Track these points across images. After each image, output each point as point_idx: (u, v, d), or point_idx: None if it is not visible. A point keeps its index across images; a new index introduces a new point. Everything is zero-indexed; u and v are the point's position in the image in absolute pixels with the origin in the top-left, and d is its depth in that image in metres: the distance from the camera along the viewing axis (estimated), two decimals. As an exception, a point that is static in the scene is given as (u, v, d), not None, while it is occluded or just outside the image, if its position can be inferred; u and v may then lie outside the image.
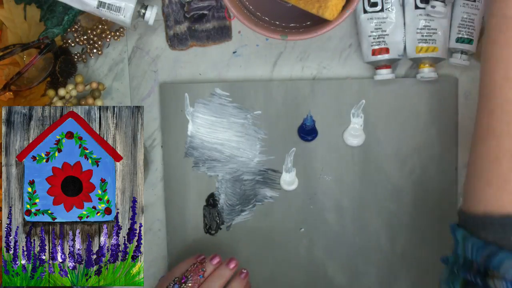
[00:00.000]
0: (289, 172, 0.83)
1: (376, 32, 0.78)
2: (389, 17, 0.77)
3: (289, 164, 0.83)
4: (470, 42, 0.77)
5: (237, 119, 0.84)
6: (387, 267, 0.83)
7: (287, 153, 0.84)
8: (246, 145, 0.84)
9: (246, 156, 0.84)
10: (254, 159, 0.84)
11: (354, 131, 0.82)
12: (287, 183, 0.84)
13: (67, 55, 0.84)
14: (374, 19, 0.78)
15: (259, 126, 0.84)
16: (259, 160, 0.84)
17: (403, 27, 0.78)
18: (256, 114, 0.84)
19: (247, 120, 0.84)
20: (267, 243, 0.85)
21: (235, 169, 0.84)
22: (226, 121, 0.84)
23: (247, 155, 0.84)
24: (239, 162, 0.84)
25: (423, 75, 0.78)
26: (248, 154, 0.84)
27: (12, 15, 0.81)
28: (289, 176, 0.84)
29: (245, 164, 0.84)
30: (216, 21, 0.84)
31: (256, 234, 0.85)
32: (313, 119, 0.83)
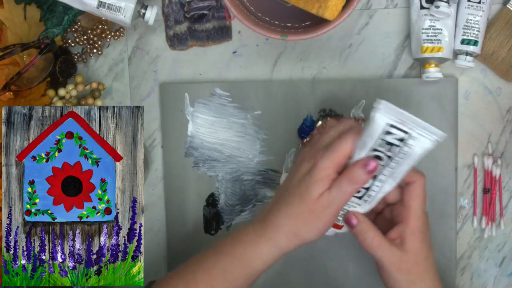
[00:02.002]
0: (289, 172, 0.83)
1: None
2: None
3: (289, 164, 0.83)
4: (475, 44, 0.77)
5: (237, 119, 0.84)
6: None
7: (287, 153, 0.84)
8: (246, 145, 0.84)
9: (246, 156, 0.84)
10: (254, 159, 0.84)
11: (354, 131, 0.82)
12: (287, 183, 0.84)
13: (67, 55, 0.84)
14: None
15: (259, 126, 0.84)
16: (259, 160, 0.84)
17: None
18: (256, 114, 0.84)
19: (247, 120, 0.84)
20: (267, 243, 0.85)
21: (235, 169, 0.84)
22: (226, 121, 0.84)
23: (247, 155, 0.84)
24: (239, 162, 0.84)
25: (429, 75, 0.78)
26: (248, 154, 0.84)
27: (12, 15, 0.81)
28: (289, 176, 0.84)
29: (245, 164, 0.84)
30: (216, 21, 0.84)
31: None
32: (313, 119, 0.83)
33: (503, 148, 0.82)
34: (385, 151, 0.63)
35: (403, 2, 0.82)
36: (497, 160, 0.81)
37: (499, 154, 0.82)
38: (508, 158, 0.82)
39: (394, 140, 0.62)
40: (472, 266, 0.83)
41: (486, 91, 0.82)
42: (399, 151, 0.63)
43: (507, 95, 0.81)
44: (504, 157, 0.82)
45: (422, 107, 0.81)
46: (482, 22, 0.77)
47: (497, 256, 0.83)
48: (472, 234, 0.83)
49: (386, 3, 0.82)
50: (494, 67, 0.80)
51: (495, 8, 0.80)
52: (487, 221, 0.81)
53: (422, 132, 0.62)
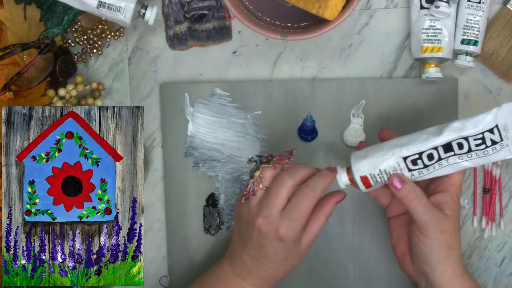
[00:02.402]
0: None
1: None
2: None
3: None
4: (475, 44, 0.77)
5: (237, 119, 0.84)
6: (387, 267, 0.83)
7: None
8: (246, 145, 0.84)
9: (246, 156, 0.84)
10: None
11: (354, 131, 0.82)
12: (287, 183, 0.83)
13: (67, 55, 0.84)
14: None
15: (259, 126, 0.84)
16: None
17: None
18: (256, 114, 0.84)
19: (247, 120, 0.84)
20: (267, 243, 0.85)
21: (235, 169, 0.84)
22: (226, 121, 0.84)
23: (247, 155, 0.84)
24: (239, 162, 0.84)
25: (429, 75, 0.78)
26: (248, 154, 0.84)
27: (12, 15, 0.81)
28: (289, 176, 0.83)
29: (245, 164, 0.84)
30: (216, 21, 0.84)
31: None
32: (313, 119, 0.83)
33: (503, 148, 0.81)
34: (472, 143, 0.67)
35: (403, 2, 0.82)
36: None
37: (499, 154, 0.82)
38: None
39: (489, 140, 0.66)
40: (472, 266, 0.83)
41: (486, 91, 0.82)
42: (484, 149, 0.67)
43: (507, 95, 0.81)
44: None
45: (422, 107, 0.81)
46: (482, 22, 0.77)
47: (497, 256, 0.83)
48: (472, 234, 0.83)
49: (386, 3, 0.82)
50: (494, 67, 0.80)
51: (495, 8, 0.80)
52: (487, 221, 0.81)
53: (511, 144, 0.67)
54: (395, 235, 0.75)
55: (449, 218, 0.69)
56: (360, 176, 0.70)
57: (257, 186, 0.70)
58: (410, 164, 0.69)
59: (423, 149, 0.68)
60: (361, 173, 0.70)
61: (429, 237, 0.68)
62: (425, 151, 0.68)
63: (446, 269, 0.69)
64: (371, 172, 0.69)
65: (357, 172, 0.70)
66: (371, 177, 0.70)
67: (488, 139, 0.66)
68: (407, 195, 0.68)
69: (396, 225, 0.75)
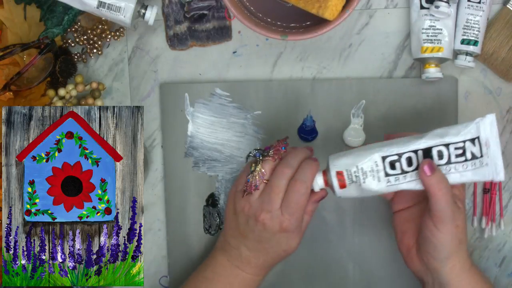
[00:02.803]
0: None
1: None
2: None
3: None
4: (475, 44, 0.77)
5: (237, 119, 0.84)
6: (387, 267, 0.83)
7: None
8: (246, 145, 0.84)
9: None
10: (254, 159, 0.84)
11: (354, 131, 0.82)
12: (287, 183, 0.83)
13: (67, 55, 0.84)
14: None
15: (259, 126, 0.84)
16: (259, 160, 0.84)
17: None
18: (256, 114, 0.84)
19: (247, 120, 0.84)
20: (267, 243, 0.85)
21: (235, 169, 0.84)
22: (226, 121, 0.84)
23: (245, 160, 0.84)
24: (239, 162, 0.84)
25: (429, 75, 0.78)
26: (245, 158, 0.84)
27: (12, 15, 0.81)
28: (289, 176, 0.83)
29: (245, 163, 0.84)
30: (216, 21, 0.84)
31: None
32: (313, 119, 0.83)
33: (503, 148, 0.81)
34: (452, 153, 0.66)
35: (403, 2, 0.82)
36: (497, 160, 0.81)
37: (499, 154, 0.82)
38: (508, 158, 0.82)
39: (469, 152, 0.65)
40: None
41: (486, 91, 0.82)
42: (463, 161, 0.66)
43: (507, 95, 0.81)
44: (504, 157, 0.82)
45: (422, 107, 0.81)
46: (482, 22, 0.77)
47: (497, 256, 0.83)
48: (472, 234, 0.83)
49: (386, 3, 0.82)
50: (494, 67, 0.80)
51: (495, 8, 0.80)
52: (487, 221, 0.81)
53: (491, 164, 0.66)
54: (400, 230, 0.74)
55: (461, 211, 0.68)
56: (336, 172, 0.68)
57: (259, 181, 0.69)
58: (388, 167, 0.67)
59: (403, 151, 0.66)
60: (338, 168, 0.68)
61: (443, 231, 0.67)
62: (405, 152, 0.66)
63: (455, 264, 0.69)
64: (348, 168, 0.67)
65: (333, 167, 0.68)
66: (348, 174, 0.67)
67: (469, 151, 0.65)
68: (436, 184, 0.65)
69: (401, 219, 0.74)
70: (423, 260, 0.71)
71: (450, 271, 0.69)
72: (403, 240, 0.73)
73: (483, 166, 0.65)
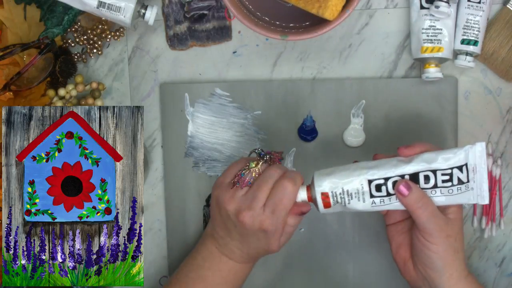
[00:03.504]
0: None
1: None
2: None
3: (289, 164, 0.83)
4: (475, 44, 0.77)
5: (237, 119, 0.84)
6: (387, 267, 0.83)
7: (287, 153, 0.83)
8: (246, 145, 0.84)
9: (246, 156, 0.84)
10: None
11: (354, 131, 0.82)
12: (287, 183, 0.83)
13: (67, 55, 0.84)
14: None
15: (259, 126, 0.84)
16: (259, 160, 0.84)
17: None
18: (256, 114, 0.84)
19: (247, 120, 0.84)
20: (267, 243, 0.85)
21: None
22: (226, 121, 0.84)
23: (247, 155, 0.84)
24: (239, 162, 0.84)
25: (429, 75, 0.78)
26: (248, 154, 0.84)
27: (12, 15, 0.81)
28: (289, 176, 0.83)
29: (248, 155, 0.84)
30: (216, 21, 0.84)
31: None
32: (313, 119, 0.83)
33: (503, 148, 0.82)
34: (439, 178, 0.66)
35: (403, 2, 0.82)
36: (497, 160, 0.81)
37: (499, 154, 0.82)
38: (508, 158, 0.82)
39: (456, 178, 0.65)
40: (472, 266, 0.83)
41: (486, 91, 0.82)
42: (449, 187, 0.66)
43: (507, 95, 0.81)
44: (504, 157, 0.82)
45: (422, 107, 0.81)
46: (482, 22, 0.77)
47: (497, 256, 0.83)
48: (472, 234, 0.83)
49: (386, 3, 0.82)
50: (494, 67, 0.80)
51: (495, 8, 0.80)
52: (487, 221, 0.81)
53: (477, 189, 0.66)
54: (395, 242, 0.74)
55: (453, 221, 0.68)
56: (321, 193, 0.67)
57: (254, 178, 0.69)
58: (373, 190, 0.66)
59: (390, 175, 0.66)
60: (323, 189, 0.67)
61: (434, 243, 0.67)
62: (392, 177, 0.66)
63: (452, 273, 0.69)
64: (333, 190, 0.67)
65: (319, 188, 0.67)
66: (333, 195, 0.67)
67: (456, 177, 0.65)
68: (413, 203, 0.66)
69: (396, 232, 0.74)
70: (420, 271, 0.71)
71: (447, 280, 0.69)
72: (398, 252, 0.73)
73: (469, 190, 0.66)
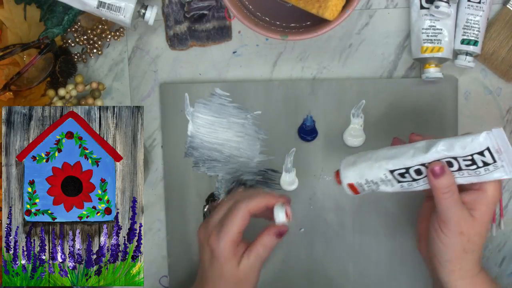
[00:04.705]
0: (289, 172, 0.83)
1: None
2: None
3: (289, 165, 0.83)
4: (475, 44, 0.77)
5: (237, 119, 0.84)
6: (387, 267, 0.83)
7: (287, 153, 0.84)
8: (246, 145, 0.84)
9: (246, 156, 0.84)
10: (254, 159, 0.84)
11: (354, 131, 0.82)
12: (287, 183, 0.84)
13: (67, 55, 0.84)
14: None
15: (259, 126, 0.84)
16: (259, 160, 0.84)
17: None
18: (256, 114, 0.84)
19: (247, 120, 0.84)
20: (267, 243, 0.85)
21: (235, 169, 0.84)
22: (226, 121, 0.84)
23: (247, 155, 0.84)
24: (239, 162, 0.84)
25: (429, 75, 0.78)
26: (248, 154, 0.84)
27: (12, 15, 0.81)
28: (289, 176, 0.83)
29: (245, 164, 0.84)
30: (216, 21, 0.84)
31: (255, 234, 0.85)
32: (313, 119, 0.83)
33: (503, 148, 0.81)
34: (462, 163, 0.64)
35: (403, 2, 0.82)
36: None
37: (499, 154, 0.82)
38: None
39: (480, 161, 0.64)
40: (472, 266, 0.83)
41: (486, 91, 0.82)
42: (475, 169, 0.64)
43: (507, 95, 0.81)
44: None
45: (422, 107, 0.81)
46: (482, 22, 0.77)
47: (497, 256, 0.83)
48: (472, 234, 0.83)
49: (386, 3, 0.82)
50: (494, 67, 0.80)
51: (495, 8, 0.80)
52: (487, 221, 0.81)
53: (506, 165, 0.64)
54: (423, 214, 0.74)
55: (475, 221, 0.66)
56: (347, 184, 0.70)
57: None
58: (398, 177, 0.67)
59: (410, 165, 0.66)
60: (348, 180, 0.69)
61: (446, 235, 0.66)
62: (412, 166, 0.66)
63: (454, 269, 0.68)
64: (358, 181, 0.69)
65: (345, 180, 0.69)
66: (359, 185, 0.69)
67: (479, 161, 0.64)
68: (442, 187, 0.65)
69: (430, 206, 0.72)
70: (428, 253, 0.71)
71: (448, 274, 0.69)
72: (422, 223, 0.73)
73: (498, 168, 0.64)
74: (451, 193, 0.65)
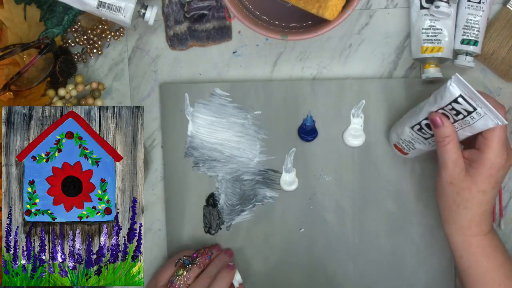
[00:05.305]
0: (289, 172, 0.83)
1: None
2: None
3: (289, 164, 0.83)
4: (475, 44, 0.77)
5: (237, 119, 0.84)
6: (387, 267, 0.83)
7: (287, 153, 0.84)
8: (246, 145, 0.84)
9: (246, 156, 0.84)
10: (254, 159, 0.84)
11: (354, 131, 0.82)
12: (287, 183, 0.84)
13: (67, 55, 0.84)
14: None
15: (259, 126, 0.84)
16: (259, 160, 0.84)
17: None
18: (256, 114, 0.84)
19: (247, 120, 0.84)
20: (267, 243, 0.85)
21: (235, 169, 0.84)
22: (226, 121, 0.84)
23: (247, 155, 0.84)
24: (239, 162, 0.84)
25: (429, 75, 0.78)
26: (248, 154, 0.84)
27: (12, 15, 0.81)
28: (289, 176, 0.84)
29: (245, 164, 0.84)
30: (216, 21, 0.84)
31: (256, 234, 0.85)
32: (313, 119, 0.83)
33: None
34: (451, 115, 0.69)
35: (403, 2, 0.82)
36: (497, 160, 0.81)
37: (499, 154, 0.82)
38: (508, 158, 0.82)
39: (461, 109, 0.67)
40: (472, 266, 0.83)
41: (486, 91, 0.82)
42: (462, 118, 0.68)
43: (507, 95, 0.81)
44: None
45: (422, 107, 0.82)
46: (482, 22, 0.77)
47: (497, 256, 0.83)
48: (472, 234, 0.83)
49: (386, 3, 0.82)
50: (494, 67, 0.80)
51: (495, 8, 0.80)
52: (487, 221, 0.81)
53: (488, 112, 0.66)
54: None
55: (466, 176, 0.69)
56: (393, 144, 0.79)
57: (183, 285, 0.78)
58: (419, 133, 0.73)
59: (418, 120, 0.72)
60: (392, 141, 0.79)
61: (439, 182, 0.71)
62: (420, 121, 0.72)
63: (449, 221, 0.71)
64: (398, 142, 0.78)
65: (390, 141, 0.80)
66: (399, 145, 0.78)
67: (461, 110, 0.67)
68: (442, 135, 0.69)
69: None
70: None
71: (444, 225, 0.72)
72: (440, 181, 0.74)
73: (483, 116, 0.66)
74: (450, 141, 0.69)
